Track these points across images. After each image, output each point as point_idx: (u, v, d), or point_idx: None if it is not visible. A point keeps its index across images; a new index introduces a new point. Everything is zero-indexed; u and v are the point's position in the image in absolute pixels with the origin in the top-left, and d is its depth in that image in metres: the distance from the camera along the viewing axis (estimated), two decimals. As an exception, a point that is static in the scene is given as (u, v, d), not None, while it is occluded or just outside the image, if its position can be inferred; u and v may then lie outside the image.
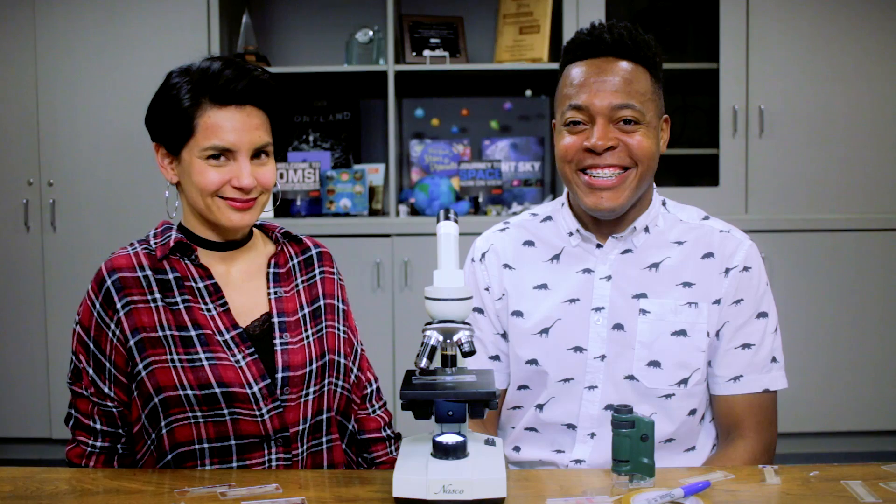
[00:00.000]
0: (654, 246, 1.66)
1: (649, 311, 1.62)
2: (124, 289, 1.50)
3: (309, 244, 1.68)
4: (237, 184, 1.49)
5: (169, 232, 1.57)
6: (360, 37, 3.78)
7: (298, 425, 1.53)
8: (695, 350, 1.61)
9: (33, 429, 3.72)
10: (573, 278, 1.67)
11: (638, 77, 1.60)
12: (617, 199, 1.60)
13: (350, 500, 1.30)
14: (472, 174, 3.88)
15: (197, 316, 1.51)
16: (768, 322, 1.64)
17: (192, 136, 1.49)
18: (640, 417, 1.30)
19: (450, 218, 1.37)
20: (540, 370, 1.67)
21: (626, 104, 1.58)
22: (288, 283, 1.61)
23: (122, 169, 3.64)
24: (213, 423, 1.48)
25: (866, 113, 3.64)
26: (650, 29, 1.77)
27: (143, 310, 1.49)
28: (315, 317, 1.61)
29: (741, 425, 1.63)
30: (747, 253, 1.65)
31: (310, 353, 1.56)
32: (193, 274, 1.54)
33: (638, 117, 1.59)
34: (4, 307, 3.70)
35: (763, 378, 1.63)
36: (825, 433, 3.69)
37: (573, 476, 1.47)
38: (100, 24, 3.61)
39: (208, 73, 1.49)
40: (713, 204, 3.64)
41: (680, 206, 1.74)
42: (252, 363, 1.50)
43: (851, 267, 3.64)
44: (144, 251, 1.55)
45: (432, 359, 1.30)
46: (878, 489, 1.30)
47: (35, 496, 1.32)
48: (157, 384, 1.47)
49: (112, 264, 1.52)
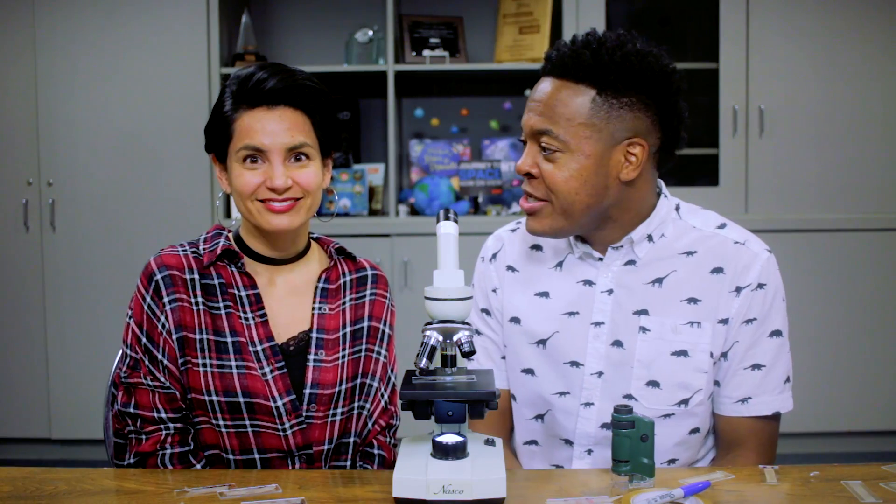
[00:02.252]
0: (660, 257, 1.56)
1: (649, 329, 1.54)
2: (173, 286, 1.50)
3: (365, 265, 1.67)
4: (270, 184, 1.48)
5: (218, 238, 1.56)
6: (359, 37, 3.78)
7: (323, 444, 1.53)
8: (696, 371, 1.53)
9: (33, 429, 3.72)
10: (574, 289, 1.60)
11: (567, 100, 1.47)
12: (538, 225, 1.52)
13: (350, 500, 1.30)
14: (472, 174, 3.88)
15: (235, 323, 1.51)
16: (783, 340, 1.55)
17: (231, 141, 1.50)
18: (640, 417, 1.30)
19: (450, 218, 1.36)
20: (535, 380, 1.62)
21: (542, 130, 1.48)
22: (335, 300, 1.60)
23: (122, 169, 3.64)
24: (237, 435, 1.49)
25: (866, 113, 3.64)
26: (650, 29, 1.72)
27: (187, 309, 1.50)
28: (355, 337, 1.59)
29: (743, 446, 1.56)
30: (762, 268, 1.54)
31: (342, 374, 1.55)
32: (238, 282, 1.54)
33: (555, 145, 1.47)
34: (4, 307, 3.70)
35: (774, 400, 1.55)
36: (825, 433, 3.69)
37: (573, 476, 1.46)
38: (100, 24, 3.60)
39: (242, 76, 1.50)
40: (713, 204, 3.60)
41: (696, 210, 1.62)
42: (279, 377, 1.50)
43: (851, 267, 3.64)
44: (193, 254, 1.55)
45: (432, 359, 1.30)
46: (878, 489, 1.30)
47: (35, 496, 1.32)
48: (188, 383, 1.49)
49: (162, 261, 1.52)
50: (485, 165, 3.88)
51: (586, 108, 1.47)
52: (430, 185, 3.78)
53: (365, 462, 1.60)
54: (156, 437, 1.49)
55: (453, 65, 3.76)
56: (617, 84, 1.47)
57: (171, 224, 3.61)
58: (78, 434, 3.68)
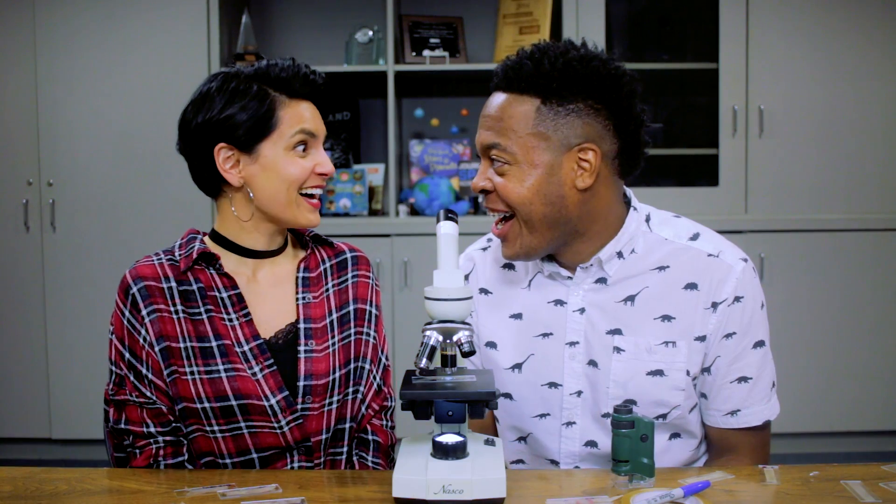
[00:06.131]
0: (631, 274, 1.52)
1: (623, 349, 1.51)
2: (150, 297, 1.49)
3: (344, 248, 1.66)
4: (321, 169, 1.52)
5: (193, 242, 1.55)
6: (359, 37, 3.78)
7: (321, 434, 1.53)
8: (673, 389, 1.51)
9: (33, 429, 3.72)
10: (545, 310, 1.57)
11: (514, 112, 1.45)
12: (510, 249, 1.50)
13: (350, 500, 1.30)
14: (472, 174, 3.88)
15: (218, 326, 1.50)
16: (766, 349, 1.53)
17: (276, 129, 1.49)
18: (640, 417, 1.30)
19: (450, 218, 1.37)
20: (514, 404, 1.60)
21: (491, 144, 1.46)
22: (317, 287, 1.59)
23: (122, 169, 3.64)
24: (232, 438, 1.48)
25: (866, 113, 3.64)
26: (650, 29, 1.71)
27: (167, 319, 1.49)
28: (343, 322, 1.59)
29: (736, 451, 1.56)
30: (738, 280, 1.49)
31: (334, 362, 1.55)
32: (217, 284, 1.53)
33: (504, 157, 1.45)
34: (4, 307, 3.70)
35: (763, 410, 1.53)
36: (825, 433, 3.69)
37: (573, 476, 1.46)
38: (100, 24, 3.60)
39: (284, 68, 1.52)
40: (713, 204, 3.64)
41: (667, 219, 1.57)
42: (270, 375, 1.49)
43: (851, 267, 3.64)
44: (169, 262, 1.53)
45: (432, 359, 1.31)
46: (878, 489, 1.30)
47: (35, 496, 1.32)
48: (177, 393, 1.48)
49: (137, 273, 1.51)
50: (485, 165, 3.88)
51: (531, 117, 1.44)
52: (430, 185, 3.78)
53: (360, 449, 1.60)
54: (147, 451, 1.49)
55: (453, 65, 3.76)
56: (561, 91, 1.44)
57: (170, 224, 3.59)
58: (78, 434, 3.68)
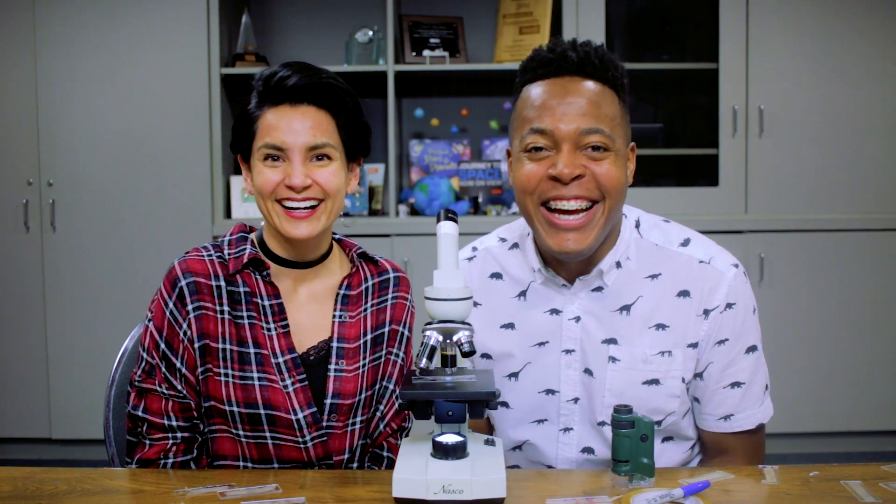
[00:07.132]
0: (627, 283, 1.53)
1: (619, 359, 1.52)
2: (197, 293, 1.47)
3: (387, 267, 1.64)
4: (288, 182, 1.45)
5: (244, 244, 1.53)
6: (359, 37, 3.78)
7: (343, 454, 1.53)
8: (669, 397, 1.52)
9: (33, 429, 3.72)
10: (540, 319, 1.57)
11: (606, 100, 1.45)
12: (584, 242, 1.45)
13: (350, 500, 1.30)
14: (472, 174, 3.88)
15: (258, 334, 1.49)
16: (758, 353, 1.54)
17: (255, 139, 1.48)
18: (640, 417, 1.30)
19: (450, 218, 1.37)
20: (511, 412, 1.61)
21: (594, 129, 1.43)
22: (356, 306, 1.57)
23: (122, 169, 3.64)
24: (256, 445, 1.49)
25: (866, 113, 3.64)
26: (650, 29, 1.73)
27: (211, 318, 1.48)
28: (376, 343, 1.57)
29: (730, 454, 1.57)
30: (730, 287, 1.50)
31: (362, 383, 1.54)
32: (262, 291, 1.51)
33: (607, 143, 1.43)
34: (4, 307, 3.70)
35: (756, 414, 1.55)
36: (825, 433, 3.69)
37: (573, 476, 1.46)
38: (100, 24, 3.60)
39: (266, 74, 1.49)
40: (713, 204, 3.64)
41: (657, 224, 1.58)
42: (300, 389, 1.49)
43: (851, 267, 3.64)
44: (219, 260, 1.51)
45: (432, 359, 1.30)
46: (878, 489, 1.30)
47: (35, 496, 1.32)
48: (207, 392, 1.48)
49: (187, 266, 1.49)
50: (485, 165, 3.88)
51: (618, 107, 1.47)
52: (430, 185, 3.78)
53: (373, 464, 1.59)
54: (161, 445, 1.48)
55: (453, 65, 3.76)
56: (625, 88, 1.49)
57: (170, 224, 3.61)
58: (78, 434, 3.68)
